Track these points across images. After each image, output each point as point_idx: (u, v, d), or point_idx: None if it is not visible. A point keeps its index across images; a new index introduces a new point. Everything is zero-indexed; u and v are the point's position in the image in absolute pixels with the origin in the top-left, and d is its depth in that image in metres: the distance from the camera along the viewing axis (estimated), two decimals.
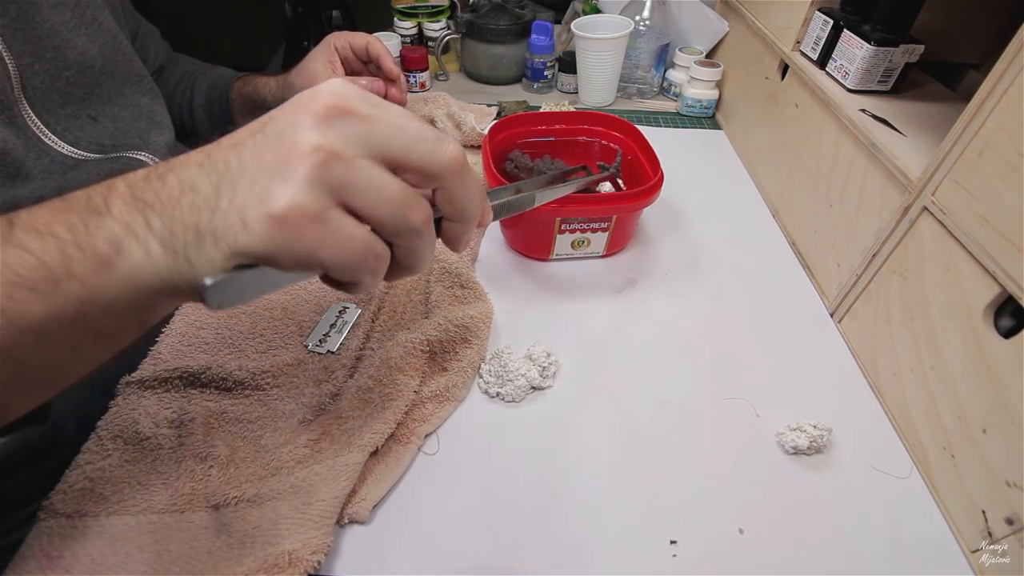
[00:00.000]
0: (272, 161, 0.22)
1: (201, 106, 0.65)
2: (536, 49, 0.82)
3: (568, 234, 0.51)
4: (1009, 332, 0.33)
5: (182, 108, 0.65)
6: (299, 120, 0.22)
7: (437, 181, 0.25)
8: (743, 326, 0.49)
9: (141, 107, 0.50)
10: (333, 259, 0.23)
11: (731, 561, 0.34)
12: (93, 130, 0.45)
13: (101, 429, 0.37)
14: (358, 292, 0.26)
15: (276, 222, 0.21)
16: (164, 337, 0.43)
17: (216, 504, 0.33)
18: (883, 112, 0.49)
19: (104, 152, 0.46)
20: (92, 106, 0.46)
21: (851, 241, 0.48)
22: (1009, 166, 0.32)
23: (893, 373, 0.42)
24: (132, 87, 0.49)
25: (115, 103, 0.48)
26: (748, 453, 0.39)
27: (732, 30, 0.80)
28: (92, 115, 0.46)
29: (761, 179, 0.67)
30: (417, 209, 0.25)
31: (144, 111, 0.50)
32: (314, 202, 0.22)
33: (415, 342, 0.41)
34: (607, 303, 0.50)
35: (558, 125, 0.60)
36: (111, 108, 0.47)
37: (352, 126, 0.23)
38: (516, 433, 0.40)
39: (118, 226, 0.22)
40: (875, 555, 0.34)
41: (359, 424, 0.37)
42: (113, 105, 0.47)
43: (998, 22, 0.55)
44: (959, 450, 0.35)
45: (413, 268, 0.27)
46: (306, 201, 0.21)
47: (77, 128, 0.44)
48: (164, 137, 0.51)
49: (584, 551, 0.34)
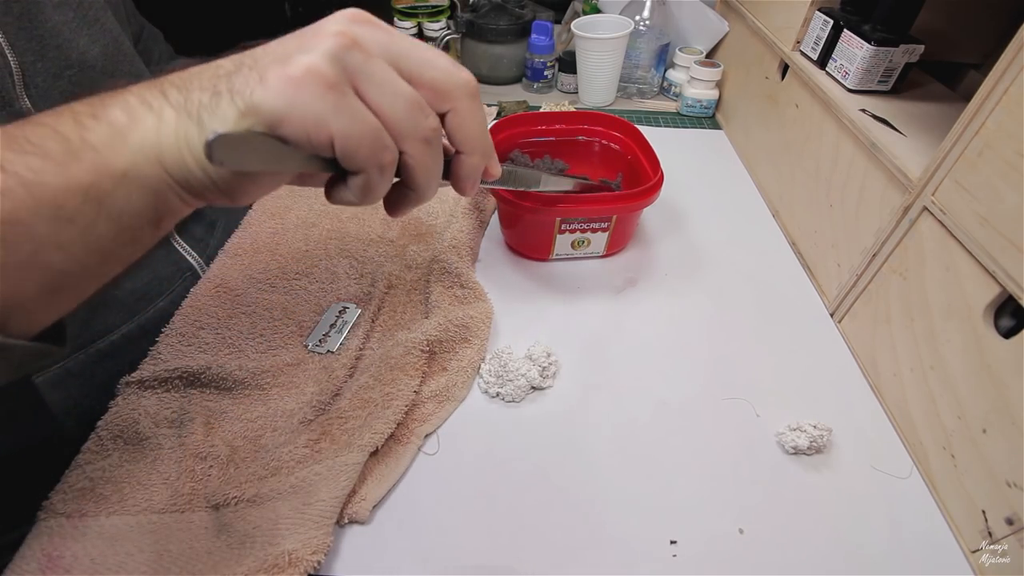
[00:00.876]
0: (297, 44, 0.24)
1: None
2: (536, 49, 0.82)
3: (568, 234, 0.51)
4: (1009, 332, 0.33)
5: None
6: (326, 21, 0.25)
7: (449, 102, 0.26)
8: (743, 326, 0.49)
9: None
10: (342, 132, 0.23)
11: (731, 561, 0.34)
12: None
13: (101, 429, 0.37)
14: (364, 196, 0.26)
15: (293, 82, 0.22)
16: (164, 337, 0.43)
17: (216, 504, 0.33)
18: (883, 112, 0.49)
19: None
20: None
21: (851, 241, 0.48)
22: (1009, 166, 0.32)
23: (893, 373, 0.42)
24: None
25: None
26: (748, 453, 0.39)
27: (732, 30, 0.80)
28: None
29: (761, 179, 0.67)
30: (429, 115, 0.25)
31: None
32: (331, 71, 0.23)
33: (415, 342, 0.41)
34: (607, 303, 0.50)
35: (558, 125, 0.60)
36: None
37: (376, 32, 0.25)
38: (516, 433, 0.40)
39: (134, 99, 0.24)
40: (875, 555, 0.34)
41: (359, 424, 0.37)
42: None
43: (998, 22, 0.55)
44: (959, 450, 0.35)
45: (419, 186, 0.27)
46: (324, 68, 0.23)
47: None
48: None
49: (584, 551, 0.34)
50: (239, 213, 0.59)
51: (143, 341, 0.43)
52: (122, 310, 0.46)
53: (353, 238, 0.54)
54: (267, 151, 0.23)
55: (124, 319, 0.46)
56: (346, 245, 0.53)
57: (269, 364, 0.42)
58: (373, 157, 0.24)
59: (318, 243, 0.53)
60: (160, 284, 0.49)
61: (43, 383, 0.42)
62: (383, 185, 0.26)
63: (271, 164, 0.23)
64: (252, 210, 0.56)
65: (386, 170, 0.25)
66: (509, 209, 0.50)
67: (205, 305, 0.46)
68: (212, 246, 0.55)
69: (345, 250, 0.52)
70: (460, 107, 0.26)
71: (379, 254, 0.52)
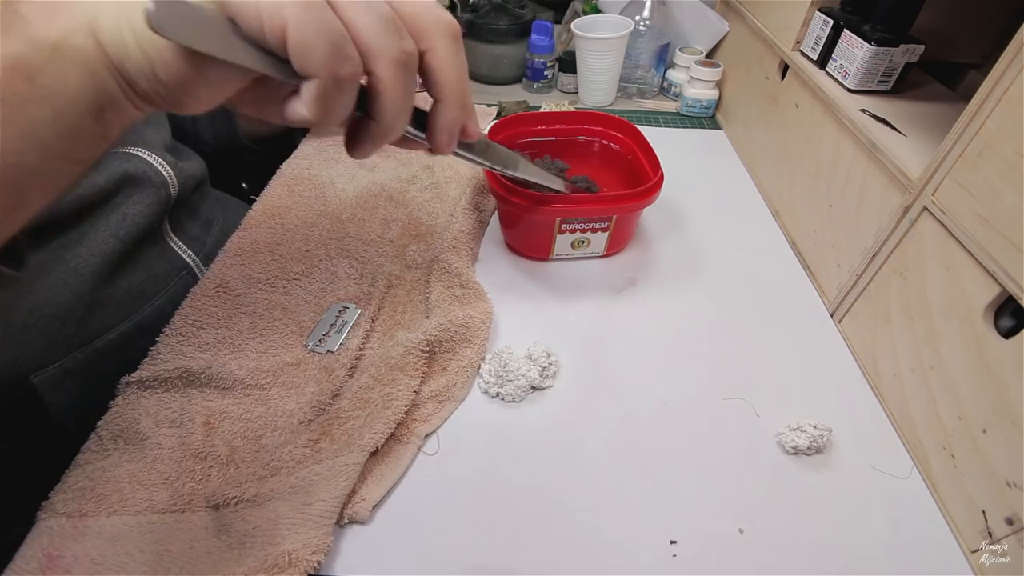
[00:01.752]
0: None
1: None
2: (536, 49, 0.82)
3: (568, 234, 0.51)
4: (1009, 332, 0.33)
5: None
6: None
7: (428, 39, 0.24)
8: (743, 326, 0.49)
9: None
10: (297, 24, 0.21)
11: (731, 561, 0.34)
12: None
13: (101, 429, 0.37)
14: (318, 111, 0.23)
15: None
16: (164, 337, 0.43)
17: (216, 504, 0.33)
18: (883, 112, 0.49)
19: None
20: None
21: (851, 241, 0.48)
22: (1009, 166, 0.32)
23: (893, 373, 0.42)
24: None
25: None
26: (748, 453, 0.39)
27: (732, 30, 0.80)
28: None
29: (761, 179, 0.67)
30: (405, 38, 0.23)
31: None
32: None
33: (415, 342, 0.41)
34: (607, 303, 0.50)
35: (558, 125, 0.60)
36: None
37: None
38: (516, 433, 0.40)
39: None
40: (875, 555, 0.34)
41: (359, 424, 0.37)
42: None
43: (998, 22, 0.55)
44: (959, 450, 0.35)
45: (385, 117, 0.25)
46: None
47: None
48: (161, 135, 0.51)
49: (584, 551, 0.34)
50: (236, 212, 0.59)
51: (141, 340, 0.43)
52: (119, 309, 0.46)
53: (353, 238, 0.54)
54: (216, 34, 0.21)
55: (121, 318, 0.46)
56: (346, 245, 0.53)
57: (269, 364, 0.42)
58: (330, 63, 0.22)
59: (318, 243, 0.53)
60: (156, 282, 0.49)
61: (41, 383, 0.42)
62: (339, 103, 0.23)
63: (218, 49, 0.21)
64: (252, 210, 0.56)
65: (344, 84, 0.23)
66: (509, 209, 0.50)
67: (205, 305, 0.46)
68: (209, 244, 0.55)
69: (345, 250, 0.52)
70: (439, 47, 0.24)
71: (379, 254, 0.52)
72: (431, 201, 0.59)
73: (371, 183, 0.61)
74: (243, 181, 0.84)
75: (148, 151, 0.48)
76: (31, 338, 0.41)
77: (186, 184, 0.52)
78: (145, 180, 0.47)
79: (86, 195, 0.43)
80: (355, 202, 0.58)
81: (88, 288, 0.43)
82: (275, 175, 0.62)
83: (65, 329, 0.43)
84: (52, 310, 0.41)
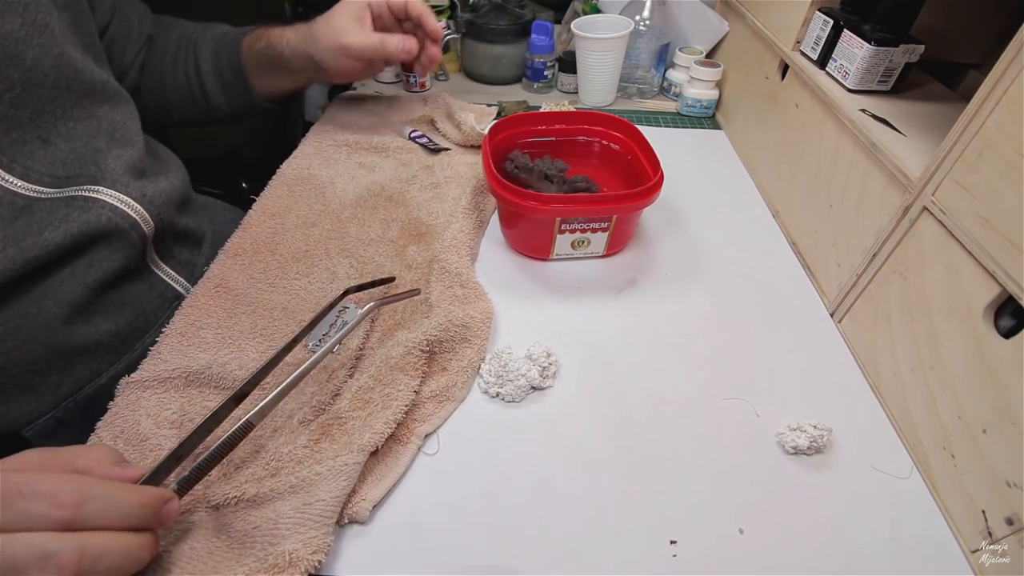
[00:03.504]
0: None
1: (210, 72, 0.60)
2: (536, 49, 0.82)
3: (568, 234, 0.51)
4: (1009, 332, 0.33)
5: (190, 79, 0.60)
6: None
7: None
8: (743, 326, 0.49)
9: (100, 119, 0.45)
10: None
11: (731, 561, 0.34)
12: (44, 155, 0.41)
13: (101, 429, 0.37)
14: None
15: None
16: (164, 337, 0.43)
17: (216, 504, 0.33)
18: (883, 112, 0.49)
19: (58, 185, 0.41)
20: (42, 126, 0.41)
21: (851, 241, 0.48)
22: (1009, 166, 0.32)
23: (893, 373, 0.42)
24: (91, 97, 0.44)
25: (70, 117, 0.43)
26: (748, 453, 0.39)
27: (732, 30, 0.80)
28: (43, 136, 0.41)
29: (761, 179, 0.67)
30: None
31: (104, 124, 0.45)
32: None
33: (415, 342, 0.41)
34: (607, 303, 0.50)
35: (558, 125, 0.60)
36: (65, 124, 0.42)
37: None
38: (516, 433, 0.40)
39: None
40: (875, 555, 0.34)
41: (359, 424, 0.37)
42: (68, 120, 0.42)
43: (998, 22, 0.55)
44: (959, 450, 0.35)
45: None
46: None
47: (26, 156, 0.39)
48: (125, 156, 0.46)
49: (584, 551, 0.34)
50: (226, 217, 0.58)
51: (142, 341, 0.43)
52: (106, 353, 0.45)
53: (353, 238, 0.54)
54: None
55: (111, 361, 0.45)
56: (346, 245, 0.53)
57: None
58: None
59: (318, 243, 0.53)
60: (146, 319, 0.47)
61: (34, 436, 0.41)
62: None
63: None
64: (252, 210, 0.56)
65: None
66: (509, 209, 0.50)
67: (205, 304, 0.46)
68: (201, 266, 0.53)
69: (345, 250, 0.52)
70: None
71: (379, 254, 0.52)
72: (431, 201, 0.59)
73: (371, 183, 0.61)
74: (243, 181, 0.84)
75: (110, 188, 0.44)
76: (12, 395, 0.40)
77: (164, 210, 0.48)
78: (110, 231, 0.43)
79: (40, 256, 0.39)
80: (355, 202, 0.58)
81: (62, 339, 0.41)
82: (275, 175, 0.62)
83: (48, 380, 0.41)
84: (28, 366, 0.40)
